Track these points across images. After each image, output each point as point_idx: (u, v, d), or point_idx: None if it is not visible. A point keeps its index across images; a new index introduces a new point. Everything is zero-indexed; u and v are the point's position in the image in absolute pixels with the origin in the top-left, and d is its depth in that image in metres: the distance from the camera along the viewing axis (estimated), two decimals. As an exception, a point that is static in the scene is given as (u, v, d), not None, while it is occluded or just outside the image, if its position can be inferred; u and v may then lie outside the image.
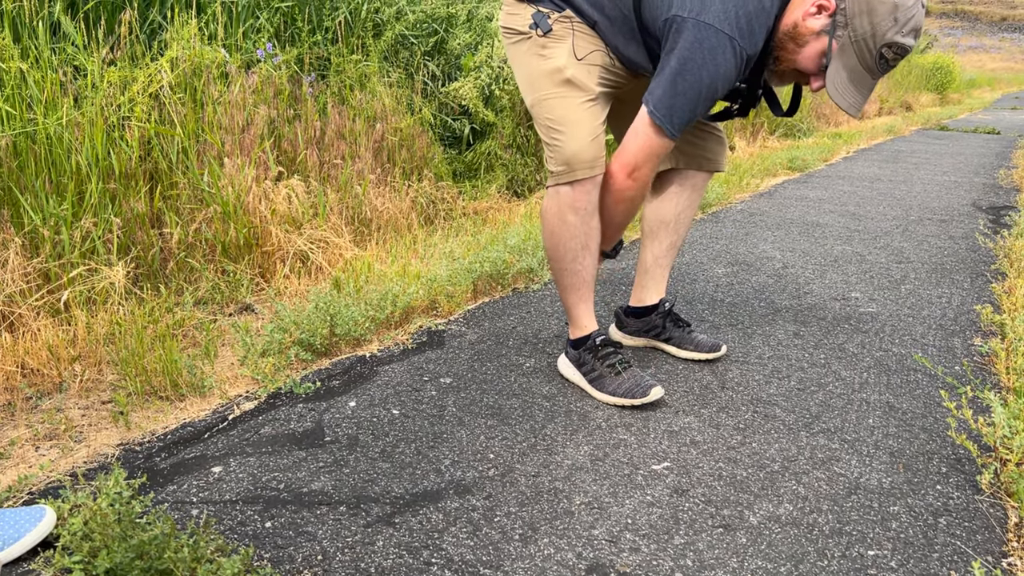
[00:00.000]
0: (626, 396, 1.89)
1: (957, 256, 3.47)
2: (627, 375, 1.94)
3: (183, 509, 1.43)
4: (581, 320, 2.01)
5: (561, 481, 1.56)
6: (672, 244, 2.22)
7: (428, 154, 3.87)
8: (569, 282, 1.97)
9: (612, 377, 1.94)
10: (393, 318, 2.36)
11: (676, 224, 2.19)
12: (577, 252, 1.93)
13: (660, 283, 2.25)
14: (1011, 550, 1.41)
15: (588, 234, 1.91)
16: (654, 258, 2.23)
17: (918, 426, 1.85)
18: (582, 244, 1.92)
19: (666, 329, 2.23)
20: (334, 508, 1.44)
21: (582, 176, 1.84)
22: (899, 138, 8.94)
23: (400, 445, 1.68)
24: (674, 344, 2.22)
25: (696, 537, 1.39)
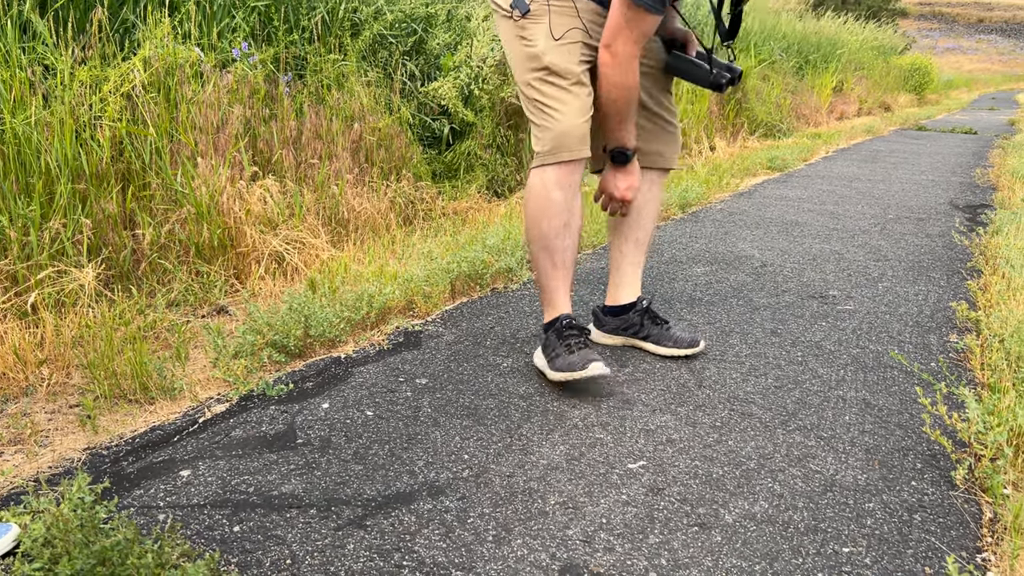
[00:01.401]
0: (567, 370, 1.91)
1: (934, 254, 3.49)
2: (578, 355, 1.93)
3: (149, 514, 1.40)
4: (556, 301, 2.03)
5: (536, 481, 1.54)
6: (637, 241, 2.22)
7: (407, 154, 3.84)
8: (550, 261, 2.00)
9: (564, 356, 1.95)
10: (369, 319, 2.34)
11: (638, 219, 2.19)
12: (560, 229, 1.97)
13: (634, 281, 2.25)
14: (985, 546, 1.41)
15: (572, 212, 1.97)
16: (622, 255, 2.24)
17: (894, 422, 1.85)
18: (564, 222, 1.96)
19: (644, 327, 2.23)
20: (304, 511, 1.42)
21: (567, 158, 1.91)
22: (878, 138, 9.00)
23: (373, 447, 1.66)
24: (652, 341, 2.21)
25: (671, 536, 1.38)
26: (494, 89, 4.39)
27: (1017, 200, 4.58)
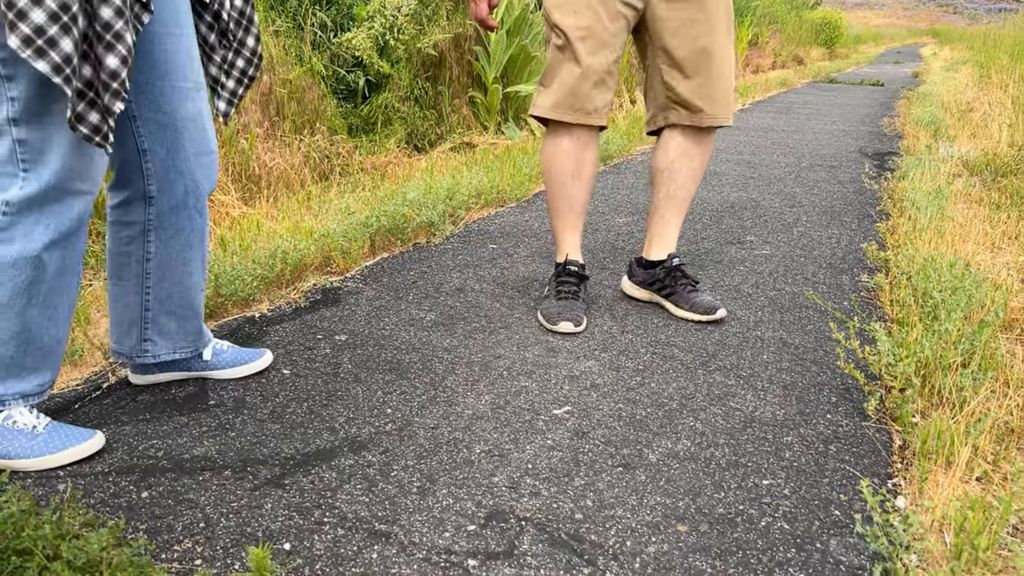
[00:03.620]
0: (544, 318, 2.04)
1: (845, 199, 3.60)
2: (564, 304, 2.05)
3: (48, 484, 1.31)
4: (563, 244, 2.16)
5: (461, 431, 1.52)
6: (668, 195, 2.16)
7: (320, 107, 3.71)
8: (559, 207, 2.13)
9: (552, 300, 2.09)
10: (284, 276, 2.25)
11: (670, 174, 2.14)
12: (567, 177, 2.09)
13: (664, 237, 2.20)
14: (895, 471, 1.46)
15: (581, 162, 2.07)
16: (654, 207, 2.21)
17: (809, 359, 1.89)
18: (573, 171, 2.08)
19: (668, 285, 2.17)
20: (218, 473, 1.36)
21: (572, 120, 2.00)
22: (792, 90, 9.20)
23: (291, 405, 1.60)
24: (672, 301, 2.16)
25: (596, 478, 1.38)
26: (410, 39, 4.26)
27: (921, 147, 4.75)
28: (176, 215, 1.48)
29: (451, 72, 4.58)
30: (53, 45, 1.14)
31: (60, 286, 1.34)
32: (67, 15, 1.14)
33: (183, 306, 1.55)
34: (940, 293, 2.05)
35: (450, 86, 4.60)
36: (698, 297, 2.13)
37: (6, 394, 1.34)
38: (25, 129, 1.23)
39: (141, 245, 1.49)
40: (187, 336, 1.59)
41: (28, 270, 1.28)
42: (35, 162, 1.25)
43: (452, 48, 4.59)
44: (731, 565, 1.17)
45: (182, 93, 1.40)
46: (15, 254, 1.27)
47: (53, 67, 1.14)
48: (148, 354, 1.57)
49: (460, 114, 4.61)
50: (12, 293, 1.29)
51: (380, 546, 1.18)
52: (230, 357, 1.68)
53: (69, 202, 1.29)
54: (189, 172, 1.46)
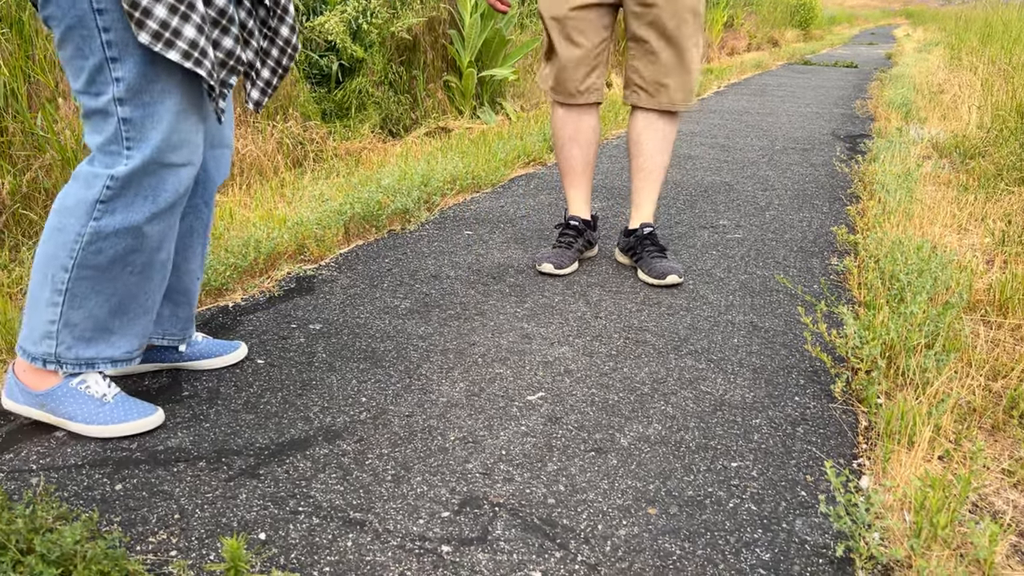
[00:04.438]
0: (535, 261, 2.34)
1: (817, 182, 3.64)
2: (556, 251, 2.34)
3: (21, 478, 1.31)
4: (569, 201, 2.44)
5: (435, 419, 1.53)
6: (638, 167, 2.35)
7: (293, 92, 3.67)
8: (562, 167, 2.40)
9: (549, 248, 2.41)
10: (257, 265, 2.24)
11: (638, 147, 2.33)
12: (566, 141, 2.35)
13: (640, 208, 2.39)
14: (860, 452, 1.49)
15: (577, 128, 2.32)
16: (631, 180, 2.41)
17: (779, 342, 1.93)
18: (570, 135, 2.33)
19: (637, 252, 2.34)
20: (192, 464, 1.36)
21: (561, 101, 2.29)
22: (766, 72, 9.24)
23: (265, 395, 1.60)
24: (640, 266, 2.34)
25: (569, 463, 1.40)
26: (383, 23, 4.22)
27: (892, 129, 4.81)
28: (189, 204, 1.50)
29: (425, 56, 4.56)
30: (178, 35, 1.23)
31: (157, 259, 1.39)
32: (184, 4, 1.23)
33: (179, 291, 1.57)
34: (907, 276, 2.09)
35: (424, 70, 4.58)
36: (657, 263, 2.28)
37: (96, 358, 1.40)
38: (129, 108, 1.29)
39: None
40: (178, 323, 1.60)
41: (128, 239, 1.34)
42: (138, 140, 1.30)
43: (426, 32, 4.56)
44: (699, 547, 1.20)
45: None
46: (117, 224, 1.32)
47: (183, 54, 1.24)
48: None
49: (435, 98, 4.59)
50: (111, 260, 1.34)
51: (355, 534, 1.20)
52: (204, 348, 1.68)
53: (164, 175, 1.34)
54: (202, 165, 1.47)
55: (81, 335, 1.39)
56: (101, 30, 1.24)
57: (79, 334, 1.38)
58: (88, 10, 1.23)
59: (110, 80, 1.27)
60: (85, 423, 1.40)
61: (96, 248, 1.33)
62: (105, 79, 1.27)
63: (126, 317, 1.41)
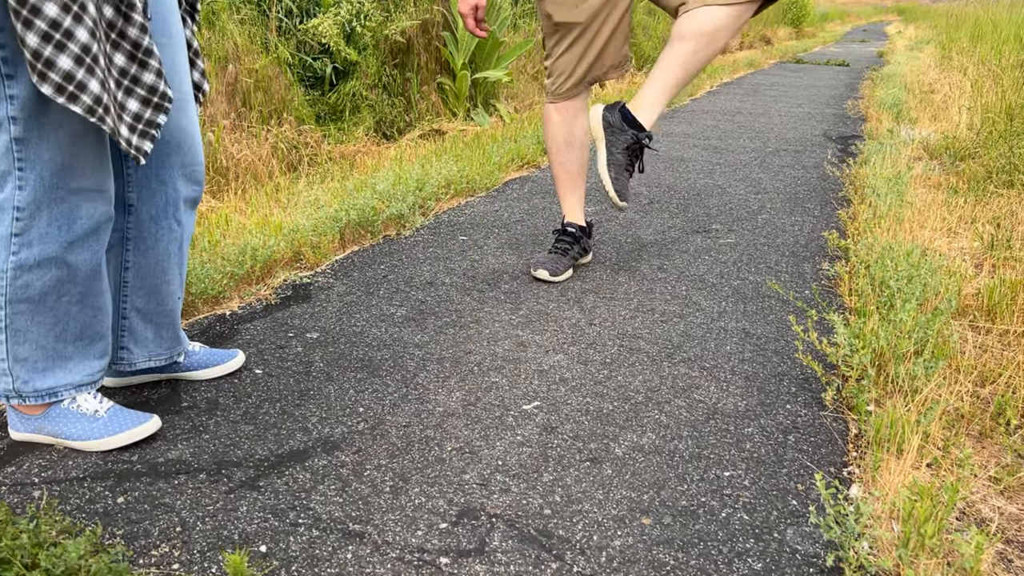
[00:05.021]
0: (531, 267, 2.38)
1: (809, 185, 3.67)
2: (551, 256, 2.39)
3: (23, 492, 1.33)
4: (564, 207, 2.47)
5: (432, 429, 1.55)
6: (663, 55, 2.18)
7: (287, 96, 3.68)
8: (556, 172, 2.42)
9: (545, 253, 2.47)
10: (254, 273, 2.26)
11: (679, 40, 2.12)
12: (561, 145, 2.37)
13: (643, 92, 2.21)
14: (850, 459, 1.52)
15: (571, 132, 2.35)
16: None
17: (771, 349, 1.95)
18: (565, 140, 2.36)
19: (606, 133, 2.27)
20: (193, 476, 1.38)
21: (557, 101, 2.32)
22: (759, 71, 9.28)
23: (264, 405, 1.62)
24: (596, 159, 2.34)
25: (564, 473, 1.42)
26: (377, 26, 4.23)
27: (883, 130, 4.84)
28: (156, 224, 1.49)
29: (419, 59, 4.57)
30: (83, 88, 1.18)
31: (94, 287, 1.38)
32: (89, 56, 1.18)
33: (160, 314, 1.57)
34: (896, 282, 2.12)
35: (418, 73, 4.59)
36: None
37: (56, 387, 1.40)
38: (22, 127, 1.24)
39: (120, 253, 1.49)
40: (163, 343, 1.60)
41: (53, 270, 1.32)
42: (31, 161, 1.26)
43: (420, 34, 4.57)
44: (693, 556, 1.22)
45: None
46: (36, 256, 1.30)
47: (87, 109, 1.18)
48: (124, 362, 1.58)
49: (429, 101, 4.60)
50: (42, 292, 1.33)
51: (354, 546, 1.22)
52: (203, 358, 1.70)
53: (75, 201, 1.30)
54: (172, 182, 1.47)
55: (34, 367, 1.37)
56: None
57: (32, 366, 1.37)
58: None
59: (3, 97, 1.22)
60: (82, 439, 1.42)
61: (23, 283, 1.31)
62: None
63: (80, 343, 1.40)
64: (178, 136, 1.44)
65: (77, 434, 1.41)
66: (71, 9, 1.14)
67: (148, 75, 1.28)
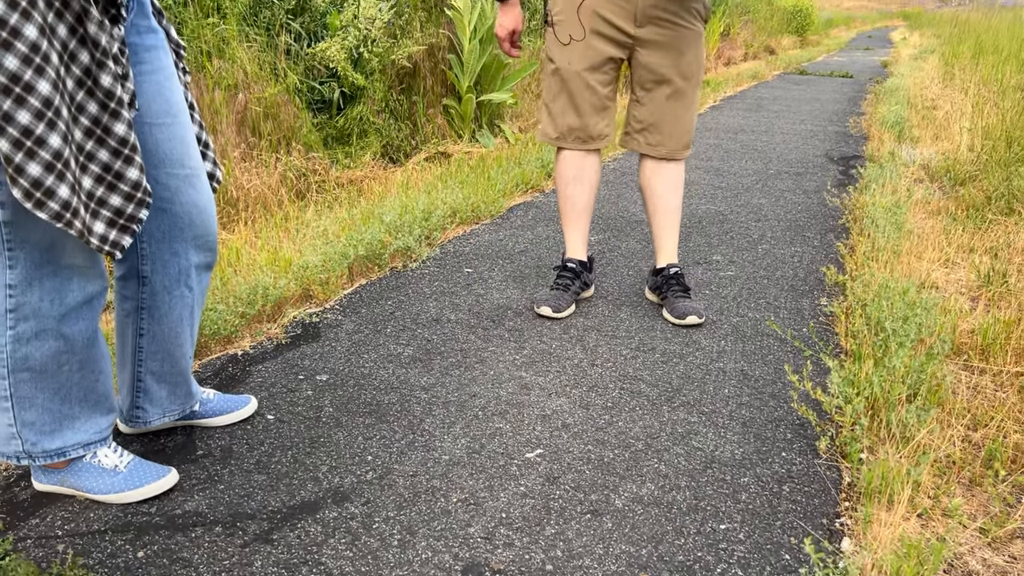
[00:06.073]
0: (534, 303, 2.45)
1: (809, 212, 3.71)
2: (553, 293, 2.45)
3: (48, 545, 1.39)
4: (567, 241, 2.53)
5: (439, 479, 1.61)
6: (653, 209, 2.48)
7: (296, 124, 3.74)
8: (563, 206, 2.49)
9: (547, 289, 2.51)
10: (265, 311, 2.32)
11: (650, 190, 2.46)
12: (570, 180, 2.44)
13: (663, 248, 2.51)
14: (843, 510, 1.57)
15: (581, 168, 2.42)
16: (648, 222, 2.58)
17: (768, 393, 2.00)
18: (574, 175, 2.43)
19: (663, 291, 2.48)
20: (209, 529, 1.44)
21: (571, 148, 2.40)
22: (762, 83, 9.32)
23: (276, 454, 1.68)
24: (664, 306, 2.47)
25: (566, 526, 1.48)
26: (384, 52, 4.29)
27: (885, 152, 4.89)
28: (169, 294, 1.54)
29: (425, 82, 4.63)
30: (51, 195, 1.20)
31: (93, 354, 1.43)
32: (60, 162, 1.20)
33: (173, 374, 1.62)
34: (891, 323, 2.17)
35: (424, 96, 4.65)
36: (679, 303, 2.41)
37: (64, 447, 1.45)
38: (11, 211, 1.28)
39: (135, 321, 1.55)
40: (176, 400, 1.66)
41: (50, 341, 1.36)
42: (19, 240, 1.30)
43: (426, 58, 4.63)
44: (688, 614, 1.28)
45: (178, 180, 1.46)
46: (32, 329, 1.35)
47: (53, 215, 1.22)
48: (139, 420, 1.64)
49: (434, 124, 4.66)
50: (42, 363, 1.38)
51: (364, 603, 1.27)
52: (217, 406, 1.76)
53: (66, 276, 1.35)
54: (184, 253, 1.52)
55: (42, 430, 1.42)
56: None
57: (40, 429, 1.42)
58: None
59: None
60: (103, 493, 1.48)
61: (23, 355, 1.35)
62: None
63: (85, 404, 1.45)
64: (191, 211, 1.49)
65: (98, 488, 1.47)
66: (44, 116, 1.17)
67: (132, 171, 1.31)
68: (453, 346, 2.22)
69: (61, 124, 1.19)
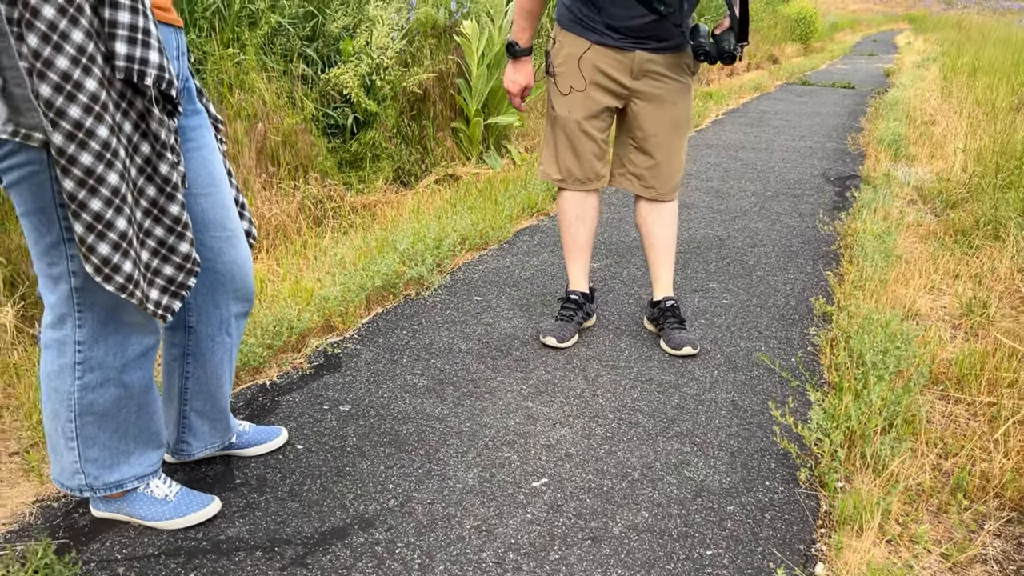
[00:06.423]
0: (540, 334, 2.62)
1: (804, 237, 3.88)
2: (558, 324, 2.62)
3: (109, 568, 1.56)
4: (570, 275, 2.71)
5: (454, 507, 1.78)
6: (650, 246, 2.66)
7: (312, 152, 3.92)
8: (566, 243, 2.67)
9: (552, 320, 2.69)
10: (289, 342, 2.49)
11: (646, 228, 2.65)
12: (573, 220, 2.63)
13: (659, 281, 2.69)
14: (818, 537, 1.74)
15: (583, 208, 2.61)
16: (646, 256, 2.73)
17: (755, 423, 2.17)
18: (577, 215, 2.62)
19: (660, 323, 2.65)
20: (251, 553, 1.61)
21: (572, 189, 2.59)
22: (764, 95, 9.47)
23: (307, 482, 1.86)
24: (661, 336, 2.64)
25: (568, 552, 1.65)
26: (396, 79, 4.47)
27: (880, 174, 5.04)
28: (211, 341, 1.72)
29: (435, 107, 4.80)
30: (117, 271, 1.39)
31: (148, 399, 1.61)
32: (125, 242, 1.39)
33: (215, 411, 1.80)
34: (871, 356, 2.33)
35: (434, 120, 4.83)
36: (675, 334, 2.58)
37: (122, 479, 1.63)
38: (81, 279, 1.46)
39: (181, 366, 1.73)
40: (216, 434, 1.84)
41: (112, 389, 1.55)
42: (87, 304, 1.49)
43: (435, 83, 4.80)
44: (676, 633, 1.45)
45: (220, 241, 1.64)
46: (98, 379, 1.53)
47: (118, 288, 1.40)
48: (184, 453, 1.82)
49: (443, 147, 4.83)
50: (105, 407, 1.56)
51: (390, 622, 1.45)
52: (251, 437, 1.93)
53: (127, 332, 1.53)
54: (225, 305, 1.71)
55: (103, 464, 1.60)
56: (61, 218, 1.39)
57: (100, 464, 1.60)
58: (51, 201, 1.38)
59: (65, 256, 1.42)
60: (155, 520, 1.66)
61: (88, 401, 1.54)
62: (60, 254, 1.42)
63: (139, 441, 1.63)
64: (231, 268, 1.68)
65: (151, 515, 1.65)
66: (113, 203, 1.35)
67: (184, 245, 1.50)
68: (464, 376, 2.39)
69: (127, 209, 1.37)
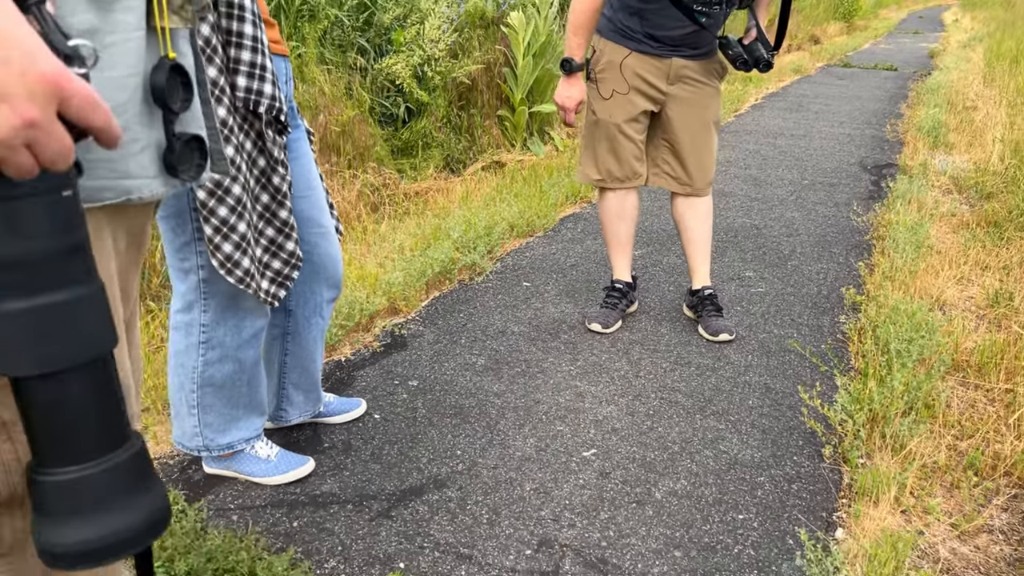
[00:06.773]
0: (585, 319, 2.85)
1: (838, 227, 4.03)
2: (603, 311, 2.84)
3: (225, 515, 1.84)
4: (614, 267, 2.92)
5: (514, 472, 2.03)
6: (687, 240, 2.85)
7: (369, 142, 4.16)
8: (609, 239, 2.88)
9: (598, 307, 2.90)
10: (360, 323, 2.75)
11: (682, 223, 2.83)
12: (614, 218, 2.82)
13: (697, 272, 2.88)
14: (840, 506, 1.95)
15: (623, 206, 2.79)
16: (684, 248, 2.90)
17: (786, 404, 2.38)
18: (617, 213, 2.80)
19: (698, 310, 2.86)
20: (343, 506, 1.88)
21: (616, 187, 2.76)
22: (804, 78, 9.49)
23: (385, 447, 2.11)
24: (699, 323, 2.84)
25: (616, 512, 1.89)
26: (446, 70, 4.68)
27: (917, 163, 5.14)
28: (307, 322, 1.98)
29: (482, 96, 5.01)
30: (237, 266, 1.65)
31: (257, 373, 1.88)
32: (245, 242, 1.65)
33: (308, 383, 2.07)
34: (896, 344, 2.52)
35: (481, 108, 5.04)
36: (712, 321, 2.80)
37: (233, 441, 1.91)
38: (207, 272, 1.72)
39: (281, 344, 1.99)
40: (309, 403, 2.10)
41: (229, 364, 1.81)
42: (212, 292, 1.75)
43: (483, 73, 5.01)
44: (711, 583, 1.68)
45: (317, 236, 1.89)
46: (217, 356, 1.80)
47: (238, 280, 1.66)
48: (282, 419, 2.09)
49: (490, 135, 5.05)
50: (222, 381, 1.83)
51: (466, 566, 1.70)
52: (335, 407, 2.20)
53: (242, 316, 1.79)
54: (319, 291, 1.96)
55: (217, 429, 1.87)
56: (193, 220, 1.63)
57: (215, 429, 1.87)
58: (186, 207, 1.62)
59: (195, 253, 1.67)
60: (259, 476, 1.93)
61: (209, 375, 1.80)
62: (191, 251, 1.67)
63: (247, 408, 1.90)
64: (325, 260, 1.93)
65: (256, 472, 1.92)
66: (236, 209, 1.61)
67: (290, 243, 1.75)
68: (518, 356, 2.63)
69: (247, 214, 1.62)
